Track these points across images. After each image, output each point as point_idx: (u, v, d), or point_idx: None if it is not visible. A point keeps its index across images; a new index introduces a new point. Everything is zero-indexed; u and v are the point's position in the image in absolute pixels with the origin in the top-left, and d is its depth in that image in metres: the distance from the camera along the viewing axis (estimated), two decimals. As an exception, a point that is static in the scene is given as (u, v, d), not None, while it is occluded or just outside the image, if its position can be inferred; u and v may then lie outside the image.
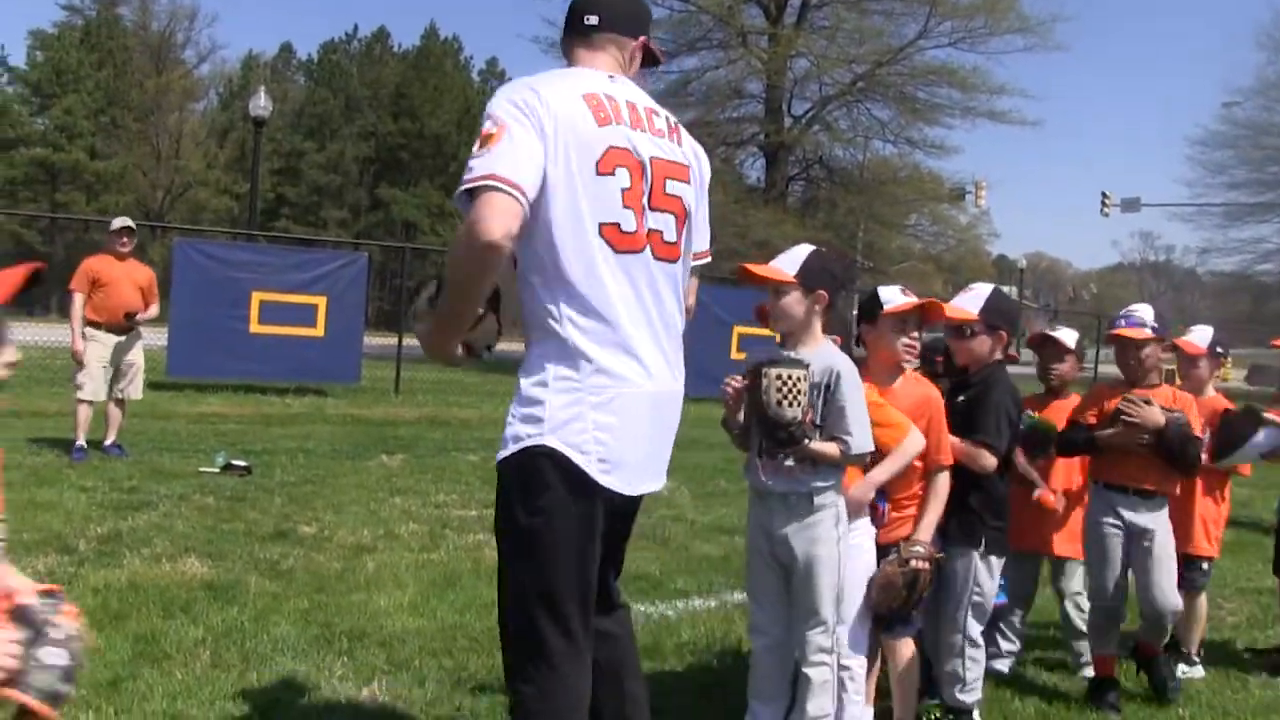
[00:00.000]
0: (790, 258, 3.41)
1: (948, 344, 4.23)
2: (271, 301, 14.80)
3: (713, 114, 32.15)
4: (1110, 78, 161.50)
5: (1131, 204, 46.98)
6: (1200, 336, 5.23)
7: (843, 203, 34.03)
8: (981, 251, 44.30)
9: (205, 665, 4.25)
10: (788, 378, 3.22)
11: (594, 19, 2.81)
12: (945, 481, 3.77)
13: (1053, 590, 4.94)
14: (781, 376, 3.21)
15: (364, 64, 69.17)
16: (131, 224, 9.44)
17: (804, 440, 3.24)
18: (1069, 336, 4.90)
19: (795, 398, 3.20)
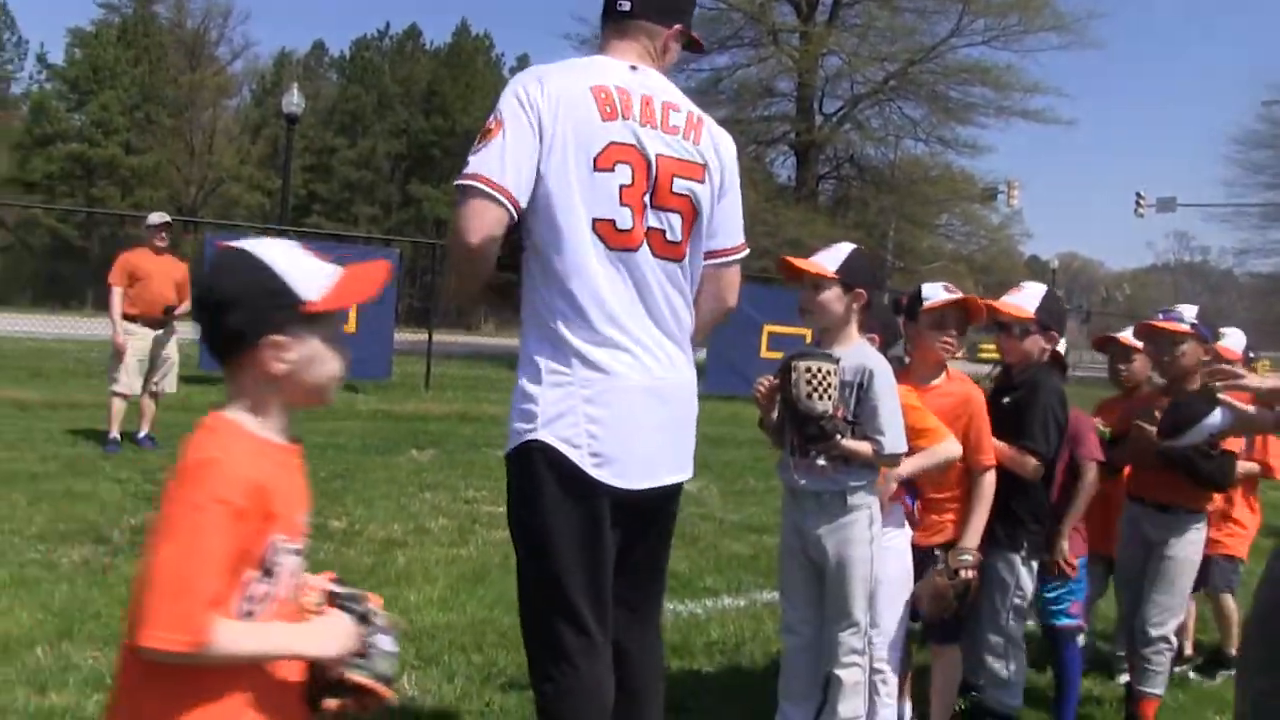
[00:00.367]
0: (832, 254, 3.39)
1: (995, 341, 4.17)
2: (303, 297, 14.76)
3: (743, 112, 31.95)
4: (1146, 77, 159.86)
5: (1167, 204, 46.55)
6: (1235, 341, 5.00)
7: (874, 202, 33.91)
8: (1014, 252, 44.04)
9: (238, 657, 4.26)
10: (817, 370, 3.20)
11: (626, 4, 2.75)
12: (990, 483, 3.71)
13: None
14: (811, 369, 3.20)
15: (396, 61, 69.35)
16: (169, 219, 9.53)
17: (835, 435, 3.21)
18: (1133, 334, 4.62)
19: (825, 390, 3.18)
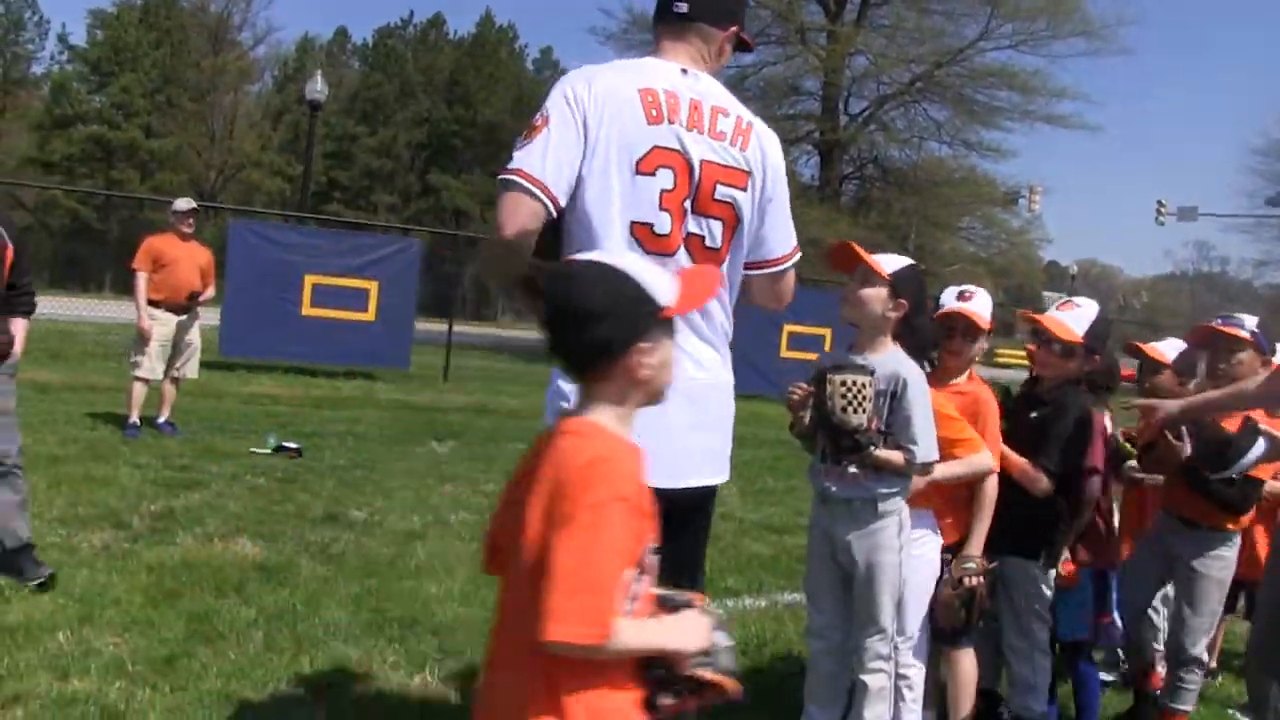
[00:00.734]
0: (889, 259, 3.39)
1: (1028, 350, 4.13)
2: (324, 285, 14.84)
3: (769, 110, 31.77)
4: (1171, 85, 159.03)
5: (1188, 213, 46.23)
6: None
7: (896, 203, 33.80)
8: (1033, 256, 43.79)
9: (259, 647, 4.27)
10: (852, 384, 3.21)
11: (684, 6, 2.73)
12: (992, 488, 3.68)
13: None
14: (846, 383, 3.21)
15: (419, 50, 69.36)
16: (196, 206, 9.53)
17: (869, 448, 3.22)
18: (1170, 348, 4.54)
19: (860, 404, 3.20)
